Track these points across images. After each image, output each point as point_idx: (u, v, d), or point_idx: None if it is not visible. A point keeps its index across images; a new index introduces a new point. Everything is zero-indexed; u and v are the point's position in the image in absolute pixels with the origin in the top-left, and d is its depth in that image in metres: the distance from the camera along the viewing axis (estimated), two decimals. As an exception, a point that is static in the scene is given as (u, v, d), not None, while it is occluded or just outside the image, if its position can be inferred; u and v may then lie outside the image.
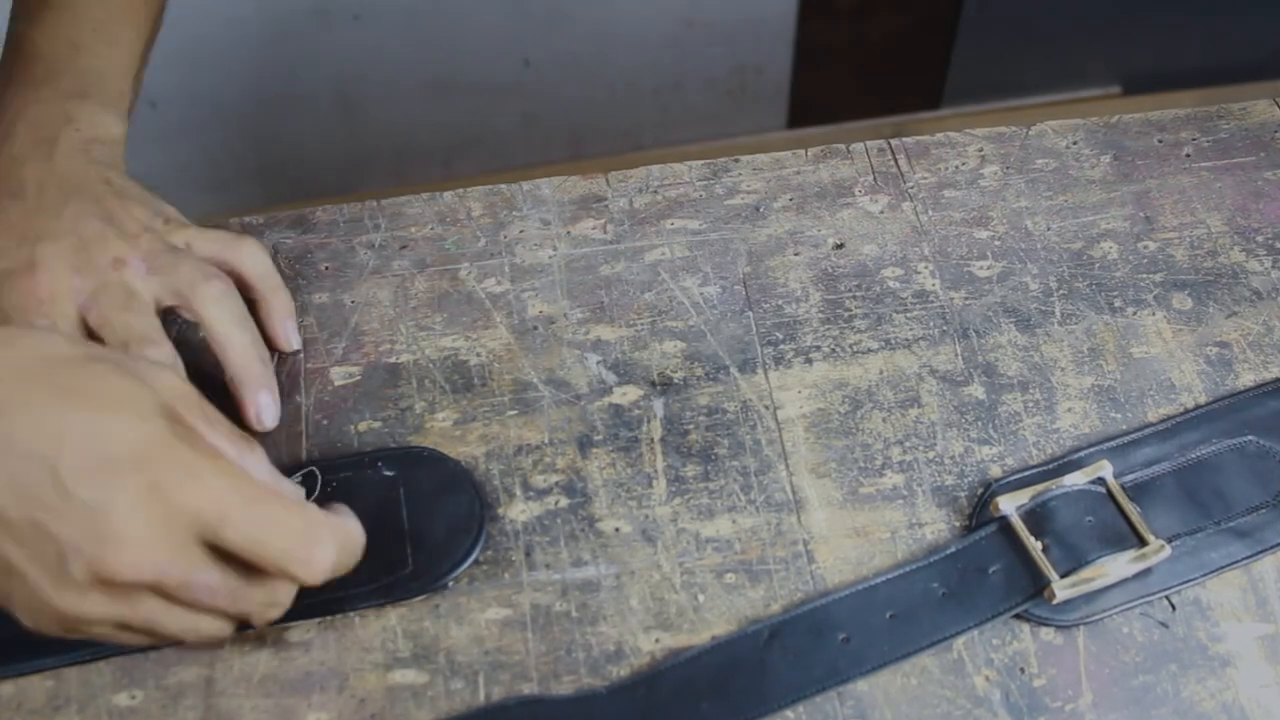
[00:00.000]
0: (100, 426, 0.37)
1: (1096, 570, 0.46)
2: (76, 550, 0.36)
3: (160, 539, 0.37)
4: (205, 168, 1.39)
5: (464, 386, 0.53)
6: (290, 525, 0.39)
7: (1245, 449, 0.50)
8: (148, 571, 0.37)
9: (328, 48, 1.30)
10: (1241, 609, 0.47)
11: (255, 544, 0.39)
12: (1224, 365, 0.53)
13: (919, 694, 0.45)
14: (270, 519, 0.39)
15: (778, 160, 0.60)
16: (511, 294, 0.56)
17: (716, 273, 0.56)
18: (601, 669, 0.46)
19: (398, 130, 1.41)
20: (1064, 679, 0.45)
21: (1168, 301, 0.55)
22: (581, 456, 0.51)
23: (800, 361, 0.54)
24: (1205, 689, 0.45)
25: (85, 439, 0.37)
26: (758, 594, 0.47)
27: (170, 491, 0.37)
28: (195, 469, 0.38)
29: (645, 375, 0.53)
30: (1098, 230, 0.58)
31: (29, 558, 0.37)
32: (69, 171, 0.50)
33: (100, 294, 0.48)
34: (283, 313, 0.53)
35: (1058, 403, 0.52)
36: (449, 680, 0.46)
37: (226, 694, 0.45)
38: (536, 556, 0.48)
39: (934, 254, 0.57)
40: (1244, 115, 0.62)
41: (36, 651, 0.45)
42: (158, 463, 0.37)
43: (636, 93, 1.43)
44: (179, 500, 0.37)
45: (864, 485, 0.50)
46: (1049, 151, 0.61)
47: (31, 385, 0.37)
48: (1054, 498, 0.48)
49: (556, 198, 0.59)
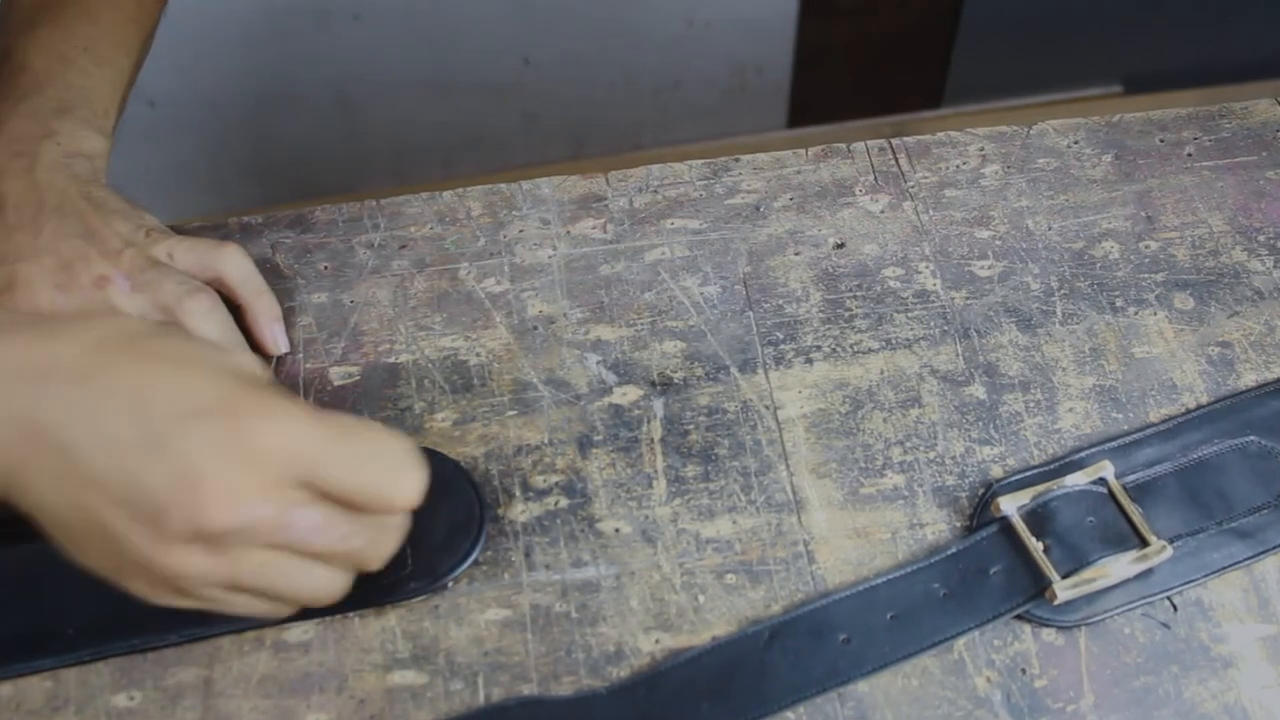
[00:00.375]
0: (180, 381, 0.38)
1: (1098, 571, 0.46)
2: (170, 502, 0.36)
3: (250, 482, 0.37)
4: (204, 167, 1.39)
5: (463, 387, 0.53)
6: (378, 448, 0.39)
7: (1247, 449, 0.50)
8: (242, 514, 0.37)
9: (327, 47, 1.29)
10: (1243, 610, 0.47)
11: (348, 472, 0.38)
12: (1226, 365, 0.53)
13: (920, 695, 0.45)
14: (356, 446, 0.39)
15: (778, 160, 0.60)
16: (511, 294, 0.56)
17: (717, 272, 0.56)
18: (601, 670, 0.46)
19: (397, 130, 1.40)
20: (1065, 680, 0.45)
21: (1169, 301, 0.55)
22: (581, 457, 0.51)
23: (801, 361, 0.53)
24: (1207, 690, 0.45)
25: (167, 393, 0.37)
26: (758, 594, 0.47)
27: (254, 434, 0.37)
28: (274, 411, 0.38)
29: (645, 375, 0.53)
30: (1099, 230, 0.58)
31: (128, 517, 0.37)
32: (49, 185, 0.50)
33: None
34: (269, 317, 0.53)
35: (1059, 403, 0.52)
36: (448, 681, 0.45)
37: (225, 695, 0.45)
38: (536, 557, 0.48)
39: (935, 254, 0.57)
40: (1246, 114, 0.62)
41: (35, 652, 0.45)
42: (238, 410, 0.37)
43: (637, 92, 1.43)
44: (264, 443, 0.37)
45: (865, 486, 0.50)
46: (1050, 151, 0.61)
47: (111, 353, 0.38)
48: (1055, 498, 0.48)
49: (556, 197, 0.59)
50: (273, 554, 0.39)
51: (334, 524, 0.39)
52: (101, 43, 0.55)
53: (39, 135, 0.51)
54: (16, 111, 0.52)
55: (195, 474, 0.36)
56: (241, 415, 0.37)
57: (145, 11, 0.59)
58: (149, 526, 0.37)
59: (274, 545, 0.38)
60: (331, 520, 0.39)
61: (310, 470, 0.38)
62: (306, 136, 1.39)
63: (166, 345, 0.39)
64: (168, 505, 0.36)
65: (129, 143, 0.55)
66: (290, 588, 0.40)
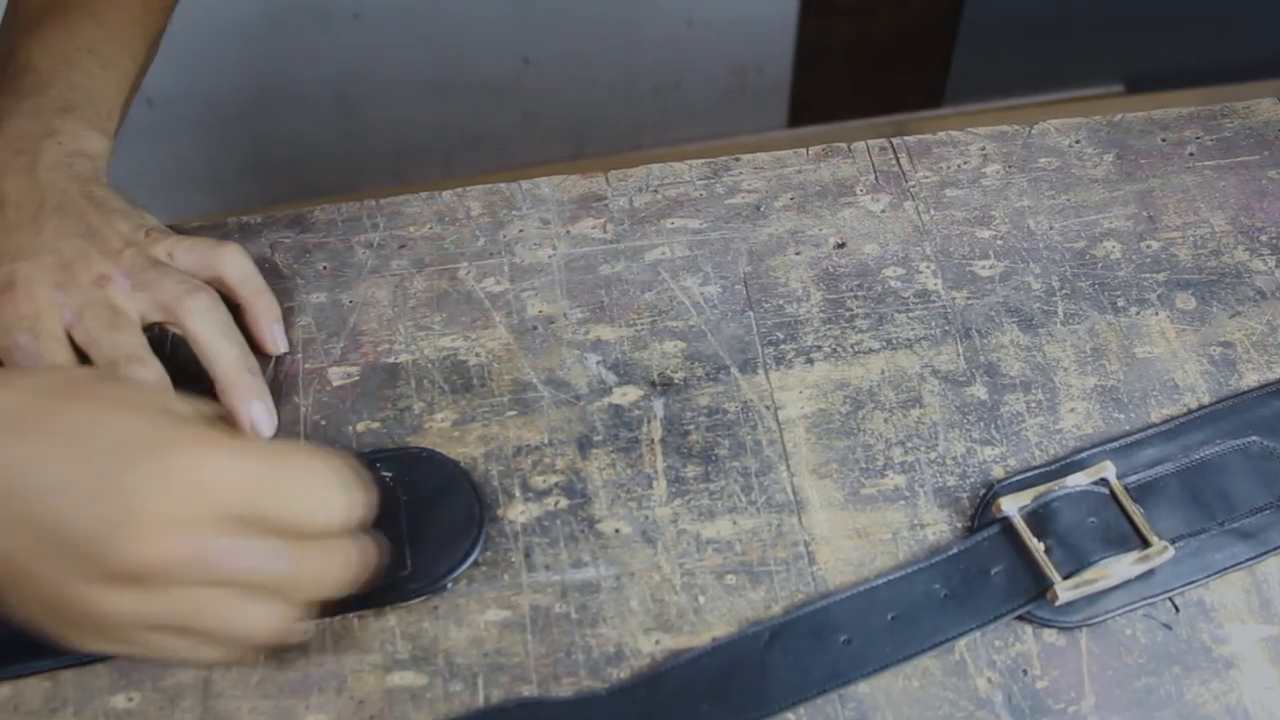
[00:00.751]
0: (112, 421, 0.37)
1: (1099, 571, 0.46)
2: (98, 539, 0.36)
3: (179, 516, 0.36)
4: (203, 167, 1.39)
5: (463, 387, 0.53)
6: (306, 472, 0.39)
7: (1249, 450, 0.50)
8: (172, 548, 0.36)
9: (327, 47, 1.29)
10: (1245, 611, 0.47)
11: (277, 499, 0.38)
12: (1228, 365, 0.53)
13: (920, 696, 0.45)
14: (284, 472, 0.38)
15: (779, 159, 0.60)
16: (511, 294, 0.56)
17: (717, 272, 0.56)
18: (601, 671, 0.46)
19: (397, 129, 1.40)
20: (1066, 681, 0.45)
21: (1171, 301, 0.55)
22: (581, 457, 0.51)
23: (801, 361, 0.53)
24: (1209, 691, 0.45)
25: (98, 433, 0.37)
26: (758, 595, 0.47)
27: (182, 468, 0.37)
28: (204, 445, 0.37)
29: (645, 375, 0.53)
30: (1100, 229, 0.57)
31: (56, 559, 0.36)
32: (50, 184, 0.50)
33: (85, 312, 0.48)
34: (268, 317, 0.53)
35: (1060, 403, 0.52)
36: (448, 682, 0.45)
37: (224, 696, 0.45)
38: (536, 558, 0.48)
39: (936, 253, 0.57)
40: (1248, 114, 0.62)
41: (33, 653, 0.45)
42: (167, 445, 0.37)
43: (637, 91, 1.43)
44: (193, 476, 0.37)
45: (865, 486, 0.50)
46: (1051, 150, 0.61)
47: (49, 399, 0.38)
48: (1056, 499, 0.48)
49: (556, 197, 0.59)
50: (210, 592, 0.38)
51: (271, 554, 0.38)
52: (106, 45, 0.55)
53: (41, 134, 0.51)
54: (19, 109, 0.52)
55: (123, 510, 0.36)
56: (170, 451, 0.37)
57: (151, 16, 0.59)
58: (78, 567, 0.36)
59: (210, 582, 0.37)
60: (268, 550, 0.38)
61: (242, 501, 0.37)
62: (306, 136, 1.39)
63: (102, 389, 0.39)
64: (96, 542, 0.36)
65: (128, 142, 0.54)
66: (227, 625, 0.39)
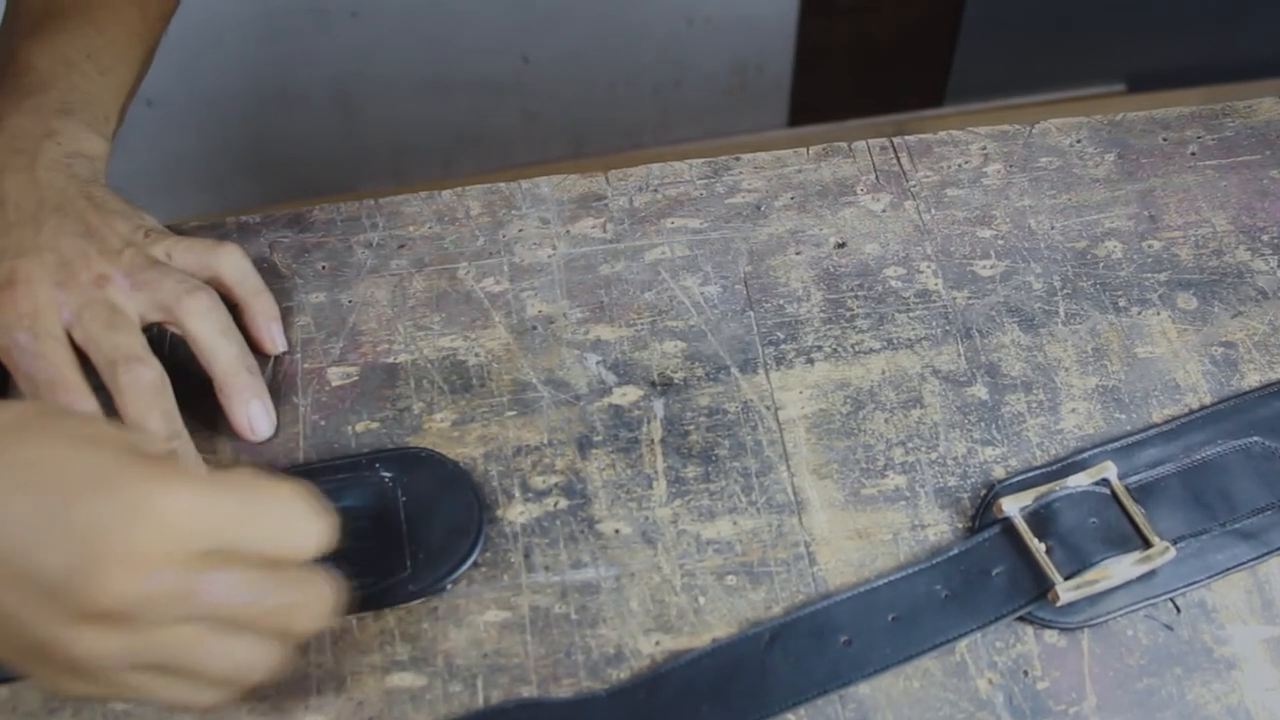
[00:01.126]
0: (77, 458, 0.37)
1: (1100, 572, 0.46)
2: (70, 577, 0.35)
3: (151, 551, 0.36)
4: (202, 166, 1.39)
5: (462, 387, 0.53)
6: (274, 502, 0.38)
7: (1251, 450, 0.50)
8: (145, 584, 0.36)
9: (326, 46, 1.29)
10: (1247, 611, 0.47)
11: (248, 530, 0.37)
12: (1229, 365, 0.53)
13: (921, 697, 0.45)
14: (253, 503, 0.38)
15: (779, 159, 0.60)
16: (510, 293, 0.55)
17: (717, 272, 0.56)
18: (601, 672, 0.45)
19: (396, 128, 1.40)
20: (1068, 682, 0.45)
21: (1172, 301, 0.55)
22: (581, 457, 0.51)
23: (802, 361, 0.53)
24: (1210, 692, 0.45)
25: (64, 470, 0.36)
26: (759, 596, 0.47)
27: (152, 504, 0.36)
28: (172, 481, 0.37)
29: (645, 375, 0.53)
30: (1102, 229, 0.57)
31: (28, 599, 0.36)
32: (49, 183, 0.50)
33: (85, 311, 0.48)
34: (267, 316, 0.53)
35: (1061, 403, 0.52)
36: (447, 683, 0.45)
37: (223, 697, 0.45)
38: (535, 558, 0.48)
39: (936, 253, 0.57)
40: (1249, 113, 0.62)
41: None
42: (136, 481, 0.37)
43: (636, 91, 1.43)
44: (163, 512, 0.36)
45: (866, 486, 0.50)
46: (1052, 150, 0.60)
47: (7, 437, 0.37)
48: (1058, 499, 0.48)
49: (556, 196, 0.59)
50: (188, 629, 0.37)
51: (245, 585, 0.37)
52: (105, 51, 0.56)
53: (40, 134, 0.51)
54: (19, 109, 0.52)
55: (94, 547, 0.35)
56: (139, 487, 0.36)
57: (149, 26, 0.59)
58: (51, 607, 0.35)
59: (188, 618, 0.37)
60: (242, 581, 0.37)
61: (213, 535, 0.37)
62: (305, 135, 1.39)
63: (63, 425, 0.38)
64: (68, 581, 0.35)
65: (127, 142, 0.54)
66: (211, 663, 0.38)
